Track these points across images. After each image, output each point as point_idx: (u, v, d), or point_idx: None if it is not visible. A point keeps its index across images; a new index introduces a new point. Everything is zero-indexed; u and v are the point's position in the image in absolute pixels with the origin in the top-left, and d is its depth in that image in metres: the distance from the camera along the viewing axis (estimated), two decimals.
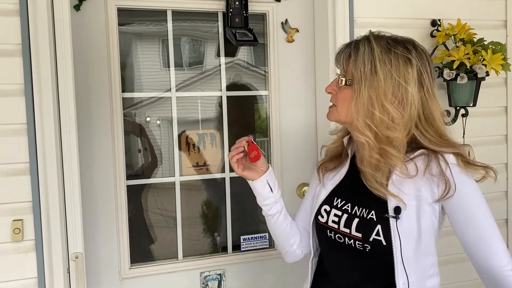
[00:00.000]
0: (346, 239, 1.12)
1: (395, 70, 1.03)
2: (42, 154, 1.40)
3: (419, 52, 1.07)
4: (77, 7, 1.57)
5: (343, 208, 1.15)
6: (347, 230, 1.11)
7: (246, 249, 1.84)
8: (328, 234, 1.17)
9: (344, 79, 1.09)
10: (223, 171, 1.83)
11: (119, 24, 1.66)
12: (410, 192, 1.05)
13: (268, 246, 1.87)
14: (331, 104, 1.17)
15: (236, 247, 1.84)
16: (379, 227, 1.06)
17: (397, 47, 1.05)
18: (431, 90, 1.06)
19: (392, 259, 1.04)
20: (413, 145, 1.08)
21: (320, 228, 1.20)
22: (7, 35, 1.38)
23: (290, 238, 1.26)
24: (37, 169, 1.39)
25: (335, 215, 1.15)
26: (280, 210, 1.23)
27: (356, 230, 1.10)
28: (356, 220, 1.10)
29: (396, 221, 1.04)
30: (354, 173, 1.16)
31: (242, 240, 1.84)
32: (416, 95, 1.04)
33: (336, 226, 1.14)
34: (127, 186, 1.68)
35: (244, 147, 1.18)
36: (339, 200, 1.17)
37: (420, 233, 1.05)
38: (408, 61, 1.03)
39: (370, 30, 1.12)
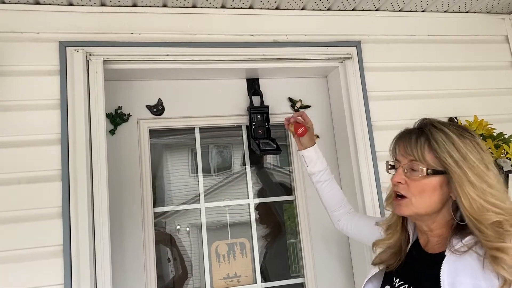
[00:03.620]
0: None
1: (476, 152, 1.03)
2: (77, 275, 1.42)
3: (479, 138, 1.08)
4: (112, 132, 1.71)
5: None
6: None
7: None
8: None
9: (424, 168, 1.04)
10: (255, 281, 1.79)
11: (150, 138, 1.77)
12: (467, 281, 0.96)
13: None
14: (400, 196, 1.09)
15: None
16: None
17: (464, 132, 1.06)
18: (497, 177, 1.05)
19: None
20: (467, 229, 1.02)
21: None
22: (49, 162, 1.50)
23: (332, 206, 1.47)
24: None
25: None
26: (322, 180, 1.45)
27: None
28: None
29: None
30: (413, 251, 1.13)
31: None
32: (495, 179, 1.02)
33: None
34: None
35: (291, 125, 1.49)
36: (398, 279, 1.12)
37: None
38: (481, 148, 1.05)
39: (428, 118, 1.12)
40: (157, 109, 1.77)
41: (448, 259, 1.01)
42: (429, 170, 1.04)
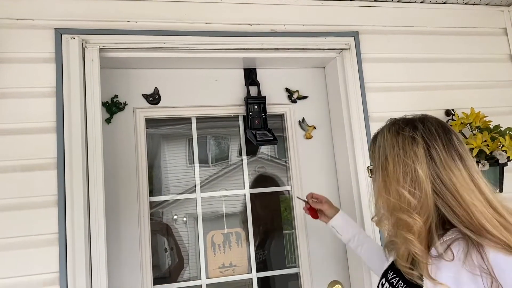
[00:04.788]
0: None
1: (402, 152, 1.00)
2: (72, 263, 1.42)
3: (427, 127, 1.02)
4: (108, 121, 1.70)
5: (391, 281, 1.11)
6: None
7: None
8: None
9: (368, 168, 1.13)
10: (250, 271, 1.80)
11: (147, 128, 1.77)
12: (447, 282, 0.93)
13: None
14: None
15: None
16: None
17: (405, 128, 1.03)
18: (445, 164, 0.97)
19: None
20: (447, 226, 0.99)
21: None
22: (44, 150, 1.49)
23: (378, 269, 1.39)
24: (67, 280, 1.41)
25: None
26: (360, 245, 1.45)
27: None
28: None
29: None
30: None
31: None
32: (426, 172, 0.97)
33: None
34: None
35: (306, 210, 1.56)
36: (392, 273, 1.14)
37: None
38: (413, 140, 1.00)
39: (394, 119, 1.10)
40: (154, 98, 1.76)
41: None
42: (369, 169, 1.12)
